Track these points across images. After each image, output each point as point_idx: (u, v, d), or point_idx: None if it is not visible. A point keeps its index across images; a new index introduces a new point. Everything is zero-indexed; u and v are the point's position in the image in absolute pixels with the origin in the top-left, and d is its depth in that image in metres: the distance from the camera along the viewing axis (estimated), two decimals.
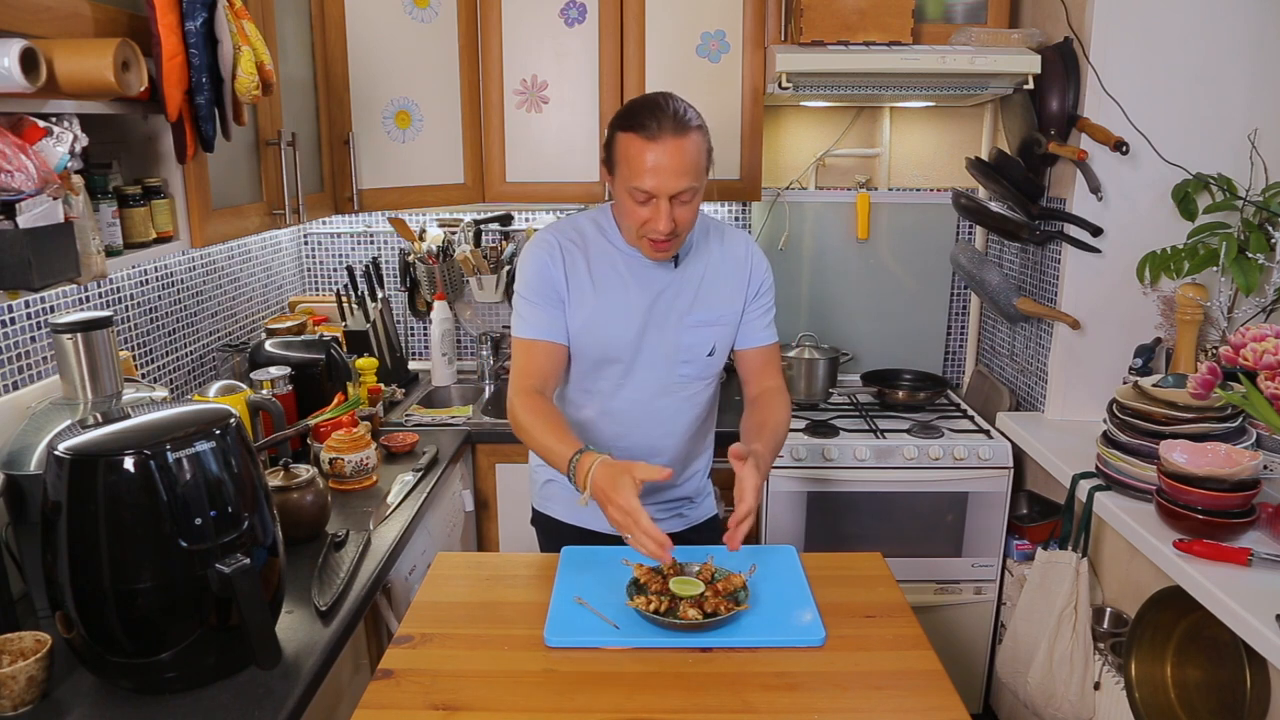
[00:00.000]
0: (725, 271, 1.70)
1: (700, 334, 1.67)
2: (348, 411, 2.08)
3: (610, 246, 1.66)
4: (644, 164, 1.48)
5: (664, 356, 1.67)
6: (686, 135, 1.48)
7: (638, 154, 1.48)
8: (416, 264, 2.81)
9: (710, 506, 1.89)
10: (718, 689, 1.21)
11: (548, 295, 1.63)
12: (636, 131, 1.49)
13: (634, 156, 1.49)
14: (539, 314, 1.63)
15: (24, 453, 1.35)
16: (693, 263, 1.68)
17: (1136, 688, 1.79)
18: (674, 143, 1.47)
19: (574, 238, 1.66)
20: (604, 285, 1.64)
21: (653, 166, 1.47)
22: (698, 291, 1.67)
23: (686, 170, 1.48)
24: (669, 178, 1.48)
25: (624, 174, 1.52)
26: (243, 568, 1.17)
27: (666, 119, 1.47)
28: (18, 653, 1.22)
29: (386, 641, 1.51)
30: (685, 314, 1.66)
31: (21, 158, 1.14)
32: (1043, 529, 2.30)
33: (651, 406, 1.70)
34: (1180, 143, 2.14)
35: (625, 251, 1.65)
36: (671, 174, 1.48)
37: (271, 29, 1.91)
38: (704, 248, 1.70)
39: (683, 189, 1.49)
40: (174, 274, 2.15)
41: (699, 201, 1.56)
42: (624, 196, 1.54)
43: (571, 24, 2.47)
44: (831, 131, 2.85)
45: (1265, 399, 1.61)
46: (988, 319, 2.88)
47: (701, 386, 1.73)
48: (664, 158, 1.47)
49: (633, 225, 1.56)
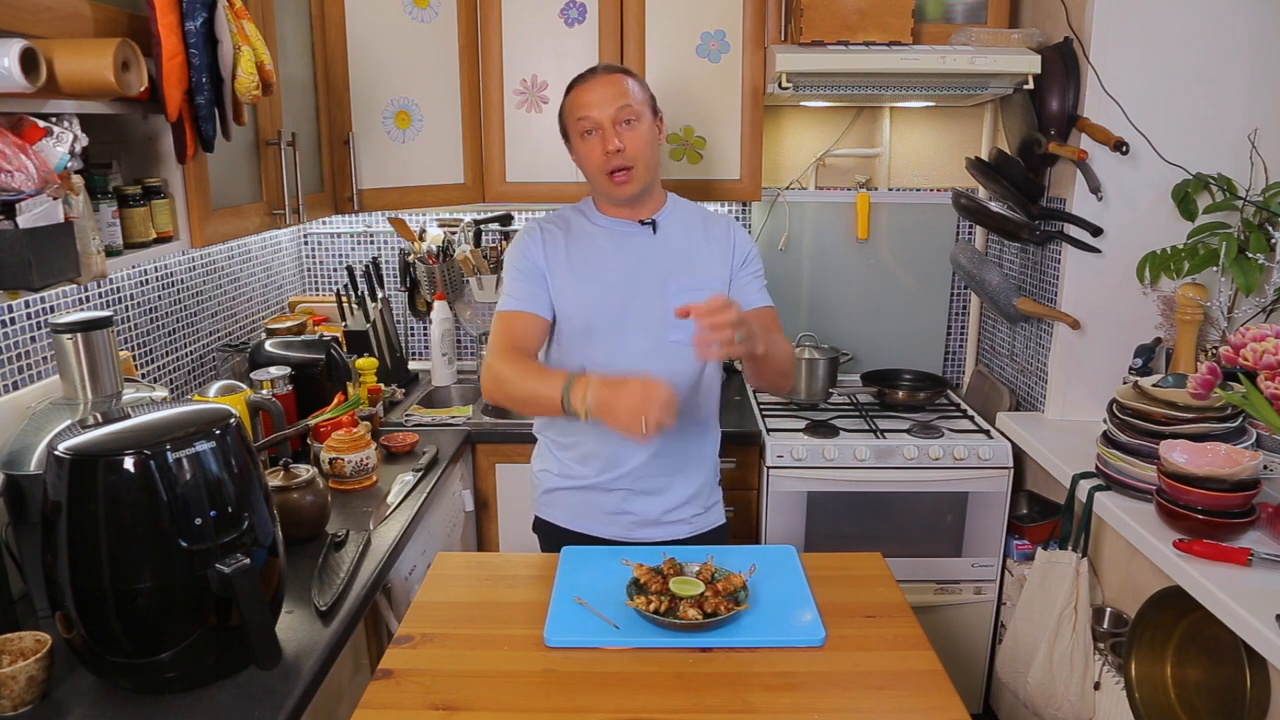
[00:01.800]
0: (706, 241, 1.76)
1: (685, 300, 1.64)
2: (348, 411, 2.08)
3: (589, 223, 1.77)
4: (582, 99, 1.67)
5: (652, 322, 1.69)
6: (615, 73, 1.69)
7: (576, 98, 1.68)
8: (416, 264, 2.81)
9: (719, 515, 1.87)
10: (718, 689, 1.21)
11: (529, 271, 1.71)
12: (574, 85, 1.71)
13: (574, 101, 1.69)
14: (520, 287, 1.71)
15: (24, 453, 1.35)
16: (671, 230, 1.76)
17: (1136, 688, 1.79)
18: (605, 78, 1.68)
19: (556, 221, 1.78)
20: (583, 255, 1.72)
21: (589, 99, 1.66)
22: (677, 258, 1.73)
23: (620, 95, 1.65)
24: (605, 104, 1.65)
25: (571, 121, 1.69)
26: (243, 568, 1.17)
27: (595, 70, 1.71)
28: (18, 653, 1.22)
29: (386, 641, 1.51)
30: (668, 279, 1.70)
31: (21, 158, 1.14)
32: (1043, 529, 2.30)
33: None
34: (1180, 143, 2.14)
35: (604, 226, 1.75)
36: (607, 100, 1.65)
37: (271, 29, 1.91)
38: (685, 219, 1.78)
39: (620, 107, 1.64)
40: (174, 274, 2.15)
41: (648, 132, 1.68)
42: (577, 141, 1.70)
43: (571, 24, 2.47)
44: (831, 131, 2.85)
45: (1265, 399, 1.61)
46: (988, 319, 2.88)
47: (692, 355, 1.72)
48: (597, 89, 1.66)
49: (592, 164, 1.68)
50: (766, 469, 2.35)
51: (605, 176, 1.67)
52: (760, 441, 2.39)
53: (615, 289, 1.70)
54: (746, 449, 2.40)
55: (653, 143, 1.70)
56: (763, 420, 2.49)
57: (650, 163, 1.70)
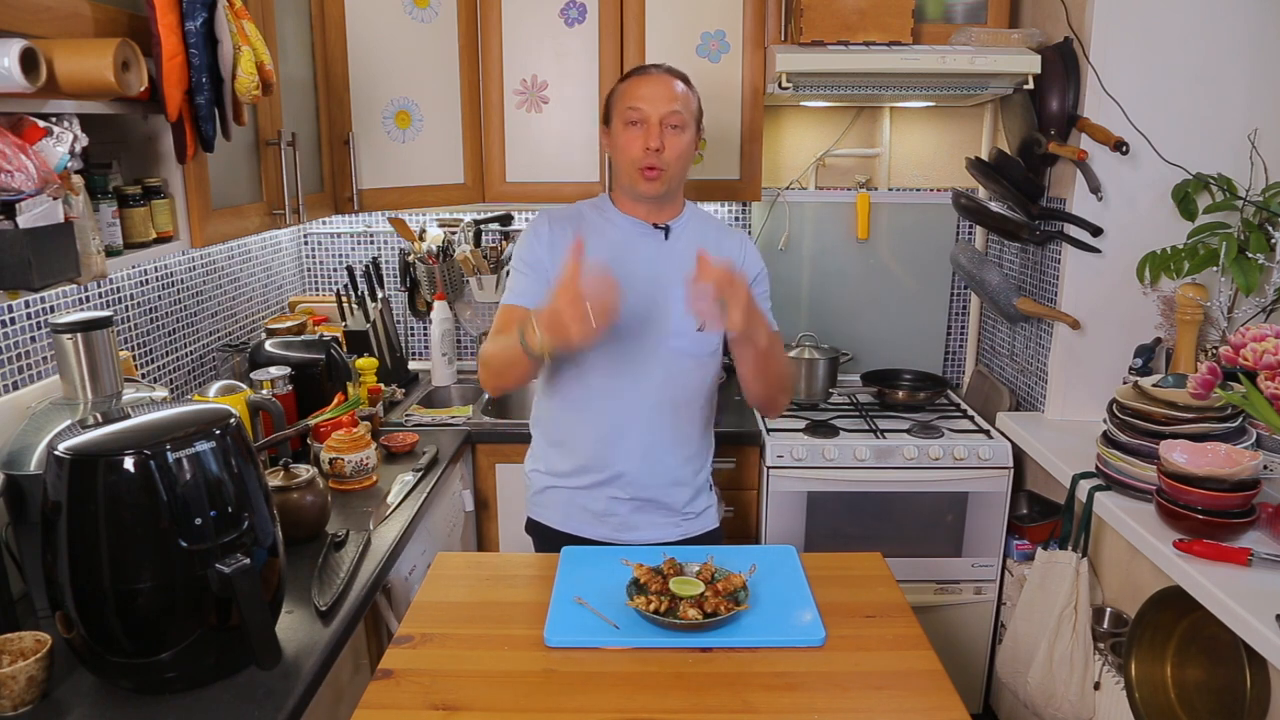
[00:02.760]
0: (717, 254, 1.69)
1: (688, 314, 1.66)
2: (348, 411, 2.08)
3: (602, 219, 1.75)
4: (637, 91, 1.66)
5: (654, 327, 1.68)
6: (675, 78, 1.69)
7: (631, 87, 1.68)
8: (416, 264, 2.81)
9: (712, 518, 1.86)
10: (718, 689, 1.21)
11: (533, 266, 1.71)
12: (632, 75, 1.70)
13: (628, 90, 1.68)
14: (523, 283, 1.71)
15: (24, 453, 1.35)
16: (683, 239, 1.74)
17: (1136, 688, 1.78)
18: (665, 77, 1.67)
19: (568, 214, 1.77)
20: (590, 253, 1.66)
21: (644, 93, 1.65)
22: (685, 267, 1.66)
23: (676, 99, 1.65)
24: (660, 102, 1.65)
25: (619, 108, 1.68)
26: (243, 568, 1.17)
27: (659, 67, 1.71)
28: (18, 653, 1.22)
29: (386, 641, 1.51)
30: (673, 287, 1.68)
31: (21, 158, 1.14)
32: (1043, 529, 2.30)
33: (645, 379, 1.70)
34: (1180, 143, 2.14)
35: (617, 224, 1.74)
36: (662, 99, 1.65)
37: (271, 29, 1.91)
38: (699, 229, 1.77)
39: (671, 110, 1.64)
40: (174, 274, 2.15)
41: (688, 144, 1.68)
42: (619, 128, 1.68)
43: (571, 24, 2.47)
44: (831, 131, 2.85)
45: (1265, 399, 1.61)
46: (988, 319, 2.88)
47: (693, 365, 1.74)
48: (656, 86, 1.66)
49: (626, 155, 1.67)
50: (766, 469, 2.35)
51: (636, 170, 1.67)
52: (760, 441, 2.39)
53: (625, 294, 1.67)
54: (746, 449, 2.40)
55: (689, 154, 1.71)
56: (762, 420, 2.49)
57: (681, 173, 1.71)
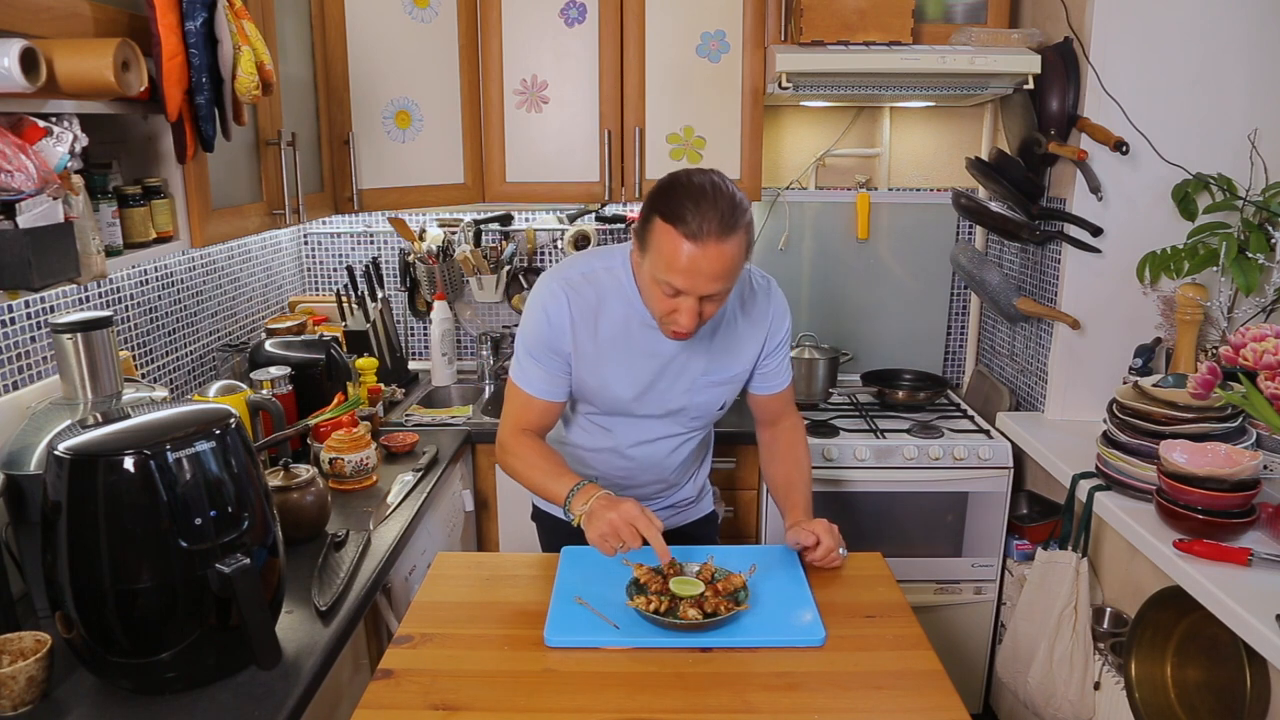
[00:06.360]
0: (742, 330, 1.62)
1: (711, 393, 1.65)
2: (348, 411, 2.08)
3: (624, 305, 1.55)
4: (679, 262, 1.35)
5: (671, 411, 1.65)
6: (730, 238, 1.34)
7: (674, 249, 1.35)
8: (416, 264, 2.81)
9: (708, 504, 1.90)
10: (718, 689, 1.21)
11: (550, 354, 1.56)
12: (677, 225, 1.34)
13: (670, 251, 1.36)
14: (540, 372, 1.57)
15: (24, 453, 1.35)
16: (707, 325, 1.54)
17: (1136, 688, 1.79)
18: (715, 247, 1.34)
19: (587, 294, 1.54)
20: (611, 347, 1.56)
21: (687, 267, 1.35)
22: (710, 353, 1.60)
23: (724, 275, 1.37)
24: (704, 281, 1.36)
25: (656, 263, 1.39)
26: (243, 568, 1.17)
27: (712, 217, 1.33)
28: (18, 653, 1.22)
29: (386, 641, 1.51)
30: (697, 377, 1.62)
31: (21, 158, 1.14)
32: (1043, 529, 2.30)
33: (655, 444, 1.70)
34: (1180, 143, 2.14)
35: (639, 310, 1.54)
36: (707, 278, 1.36)
37: (271, 29, 1.91)
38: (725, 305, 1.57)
39: (715, 292, 1.39)
40: (174, 274, 2.15)
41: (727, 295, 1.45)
42: (651, 283, 1.43)
43: (571, 24, 2.47)
44: (831, 131, 2.85)
45: (1265, 399, 1.61)
46: (988, 319, 2.88)
47: (703, 423, 1.73)
48: (702, 261, 1.34)
49: (655, 306, 1.46)
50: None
51: (662, 321, 1.47)
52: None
53: (640, 382, 1.60)
54: (746, 449, 2.40)
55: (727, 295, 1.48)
56: None
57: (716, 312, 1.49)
